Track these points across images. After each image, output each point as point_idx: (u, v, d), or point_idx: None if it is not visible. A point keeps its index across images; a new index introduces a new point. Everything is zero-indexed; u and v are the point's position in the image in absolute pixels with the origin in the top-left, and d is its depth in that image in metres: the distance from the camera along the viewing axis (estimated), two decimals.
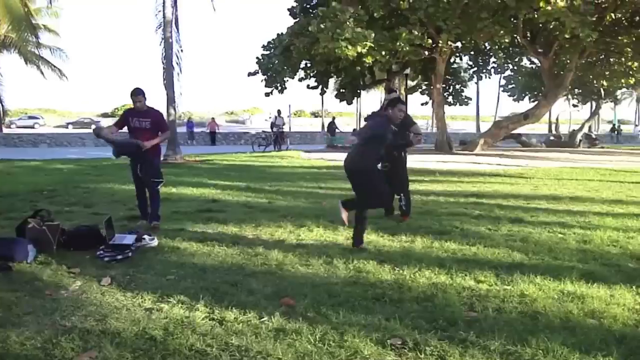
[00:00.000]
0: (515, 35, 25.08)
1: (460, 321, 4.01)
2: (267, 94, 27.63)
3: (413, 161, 16.30)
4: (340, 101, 30.12)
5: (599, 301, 4.53)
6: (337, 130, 33.38)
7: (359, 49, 19.30)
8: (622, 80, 28.46)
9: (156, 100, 18.40)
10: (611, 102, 42.55)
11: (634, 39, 23.38)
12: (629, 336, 3.87)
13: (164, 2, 19.43)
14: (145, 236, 6.18)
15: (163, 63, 19.60)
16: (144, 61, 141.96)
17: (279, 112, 28.90)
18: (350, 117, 69.60)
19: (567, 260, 5.75)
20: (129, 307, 4.25)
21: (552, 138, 36.89)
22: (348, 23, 19.29)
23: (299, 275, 5.16)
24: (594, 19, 20.61)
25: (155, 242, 6.17)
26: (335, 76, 29.43)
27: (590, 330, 3.95)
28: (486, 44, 27.86)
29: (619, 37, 23.82)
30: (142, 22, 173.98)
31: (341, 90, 29.78)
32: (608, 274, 5.27)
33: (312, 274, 5.18)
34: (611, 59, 27.03)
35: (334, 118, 38.03)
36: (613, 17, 22.02)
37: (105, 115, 76.00)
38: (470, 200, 10.01)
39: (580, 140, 34.49)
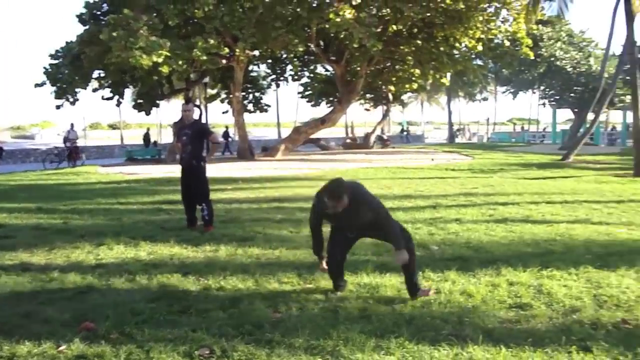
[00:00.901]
0: (309, 44, 26.15)
1: (266, 323, 4.10)
2: (57, 107, 25.73)
3: (215, 170, 16.29)
4: (139, 112, 28.99)
5: (391, 289, 4.92)
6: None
7: (155, 58, 18.79)
8: (407, 86, 30.99)
9: None
10: (399, 105, 46.20)
11: (413, 48, 25.66)
12: (416, 317, 4.25)
13: None
14: None
15: None
16: None
17: (72, 125, 27.06)
18: (153, 127, 67.45)
19: (363, 255, 6.13)
20: None
21: (348, 141, 39.09)
22: (142, 31, 18.70)
23: (100, 296, 4.88)
24: (379, 30, 22.25)
25: None
26: (131, 86, 28.31)
27: (385, 316, 4.27)
28: (282, 53, 28.69)
29: (401, 47, 25.98)
30: None
31: (138, 101, 28.70)
32: (398, 264, 5.72)
33: (113, 294, 4.93)
34: (396, 67, 29.26)
35: (148, 129, 36.92)
36: (395, 28, 23.93)
37: None
38: (272, 205, 10.24)
39: (374, 142, 36.96)
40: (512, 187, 12.93)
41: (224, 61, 23.78)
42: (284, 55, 30.45)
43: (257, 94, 34.59)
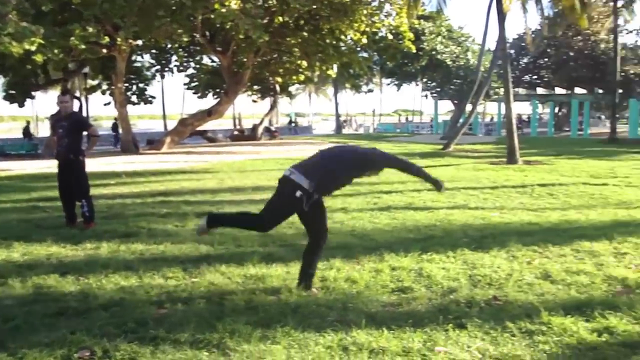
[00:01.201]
0: (194, 35, 25.64)
1: (150, 320, 4.00)
2: None
3: (96, 164, 15.64)
4: (11, 103, 27.17)
5: (277, 279, 4.96)
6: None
7: (27, 45, 17.63)
8: (294, 77, 31.17)
9: None
10: (287, 97, 46.40)
11: (300, 40, 25.82)
12: (302, 305, 4.31)
13: None
14: None
15: None
16: None
17: None
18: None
19: (250, 246, 6.14)
20: None
21: (236, 132, 38.81)
22: (10, 16, 17.47)
23: None
24: (265, 21, 22.20)
25: None
26: (2, 76, 26.47)
27: (271, 306, 4.29)
28: (167, 43, 27.94)
29: (288, 39, 26.07)
30: None
31: (10, 92, 26.87)
32: (285, 254, 5.79)
33: None
34: (283, 58, 29.33)
35: (28, 122, 34.66)
36: (281, 20, 23.97)
37: None
38: (157, 199, 9.98)
39: (261, 134, 36.92)
40: (396, 176, 13.29)
41: (104, 50, 22.80)
42: (169, 46, 29.68)
43: (141, 85, 33.50)
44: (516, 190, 10.99)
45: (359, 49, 28.16)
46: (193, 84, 37.51)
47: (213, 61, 34.19)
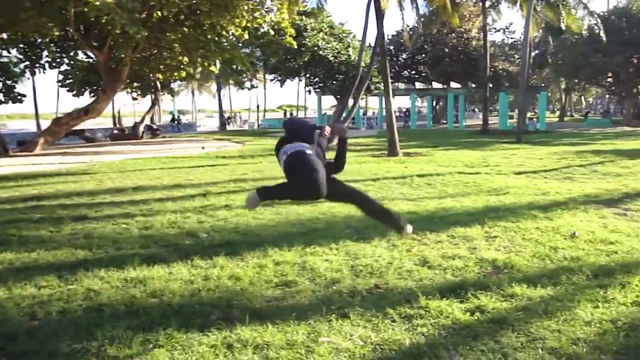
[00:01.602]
0: (67, 29, 24.31)
1: (21, 334, 3.78)
2: None
3: None
4: None
5: (159, 280, 4.83)
6: None
7: None
8: (175, 74, 30.33)
9: None
10: (169, 94, 45.15)
11: (180, 35, 25.19)
12: (185, 305, 4.25)
13: None
14: None
15: None
16: None
17: None
18: None
19: (130, 249, 5.94)
20: None
21: (115, 131, 37.30)
22: None
23: None
24: (143, 16, 21.43)
25: None
26: None
27: (152, 309, 4.19)
28: (36, 37, 26.29)
29: (168, 34, 25.34)
30: None
31: None
32: (167, 254, 5.66)
33: None
34: (164, 54, 28.49)
35: None
36: (160, 14, 23.25)
37: None
38: (29, 204, 9.35)
39: (143, 132, 35.76)
40: (279, 171, 13.41)
41: None
42: (39, 40, 27.92)
43: (8, 82, 31.27)
44: (396, 181, 11.40)
45: (241, 44, 27.95)
46: (68, 81, 35.54)
47: (89, 57, 32.57)
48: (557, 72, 46.99)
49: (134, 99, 39.75)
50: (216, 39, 25.52)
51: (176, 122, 49.86)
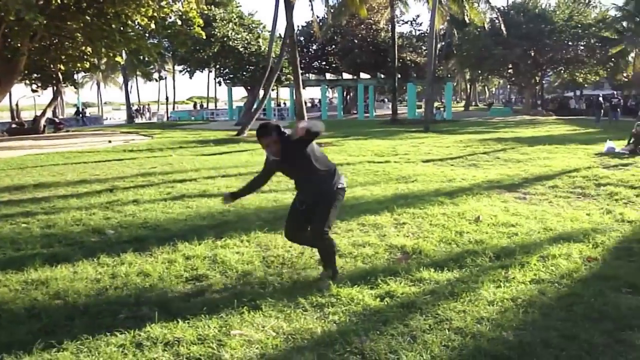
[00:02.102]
0: None
1: None
2: None
3: None
4: None
5: (63, 281, 4.63)
6: None
7: None
8: (79, 64, 29.04)
9: None
10: (72, 85, 43.24)
11: (82, 24, 24.12)
12: (91, 306, 4.10)
13: None
14: None
15: None
16: None
17: None
18: None
19: (31, 249, 5.65)
20: None
21: (14, 126, 35.36)
22: None
23: None
24: (41, 2, 20.39)
25: None
26: None
27: (56, 311, 4.02)
28: None
29: (69, 22, 24.20)
30: None
31: None
32: (71, 253, 5.43)
33: None
34: (65, 44, 27.21)
35: None
36: (60, 2, 22.16)
37: None
38: None
39: (44, 126, 34.09)
40: (190, 164, 13.20)
41: None
42: None
43: None
44: None
45: (147, 35, 27.14)
46: None
47: None
48: (462, 63, 48.64)
49: (34, 91, 37.70)
50: (121, 28, 24.64)
51: (81, 115, 47.79)
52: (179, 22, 25.88)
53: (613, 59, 43.05)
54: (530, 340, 3.37)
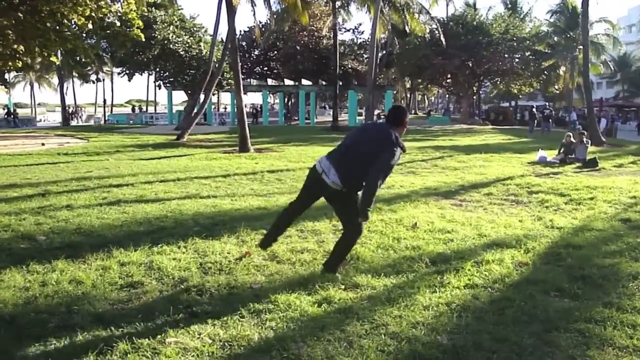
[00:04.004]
0: None
1: None
2: None
3: None
4: None
5: None
6: None
7: None
8: (10, 64, 28.00)
9: None
10: (3, 85, 41.62)
11: (14, 21, 23.29)
12: (18, 315, 3.94)
13: None
14: None
15: None
16: None
17: None
18: None
19: None
20: None
21: None
22: None
23: None
24: None
25: None
26: None
27: None
28: None
29: None
30: None
31: None
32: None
33: None
34: None
35: None
36: None
37: None
38: None
39: None
40: (127, 168, 12.92)
41: None
42: None
43: None
44: (247, 177, 11.40)
45: (85, 35, 26.42)
46: None
47: None
48: (402, 72, 49.52)
49: None
50: (57, 27, 23.89)
51: (12, 116, 46.05)
52: (118, 23, 25.29)
53: (545, 72, 44.87)
54: (463, 344, 3.45)
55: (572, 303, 4.19)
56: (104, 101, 63.34)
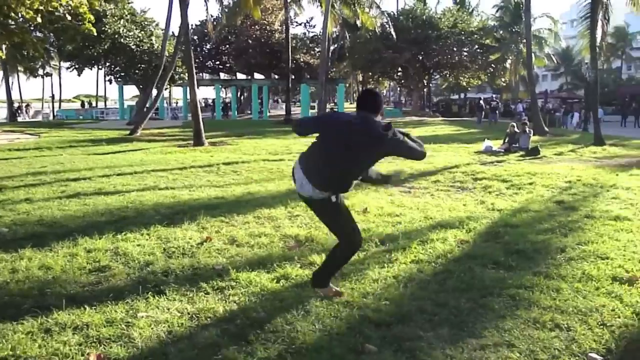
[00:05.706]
0: None
1: None
2: None
3: None
4: None
5: None
6: None
7: None
8: None
9: None
10: None
11: None
12: None
13: None
14: None
15: None
16: None
17: None
18: None
19: None
20: None
21: None
22: None
23: None
24: None
25: None
26: None
27: None
28: None
29: None
30: None
31: None
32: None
33: None
34: None
35: None
36: None
37: None
38: None
39: None
40: (83, 163, 12.97)
41: None
42: None
43: None
44: (203, 169, 11.65)
45: (32, 28, 25.97)
46: None
47: None
48: (354, 65, 50.03)
49: None
50: (3, 20, 23.45)
51: None
52: (68, 17, 24.93)
53: (493, 65, 46.06)
54: (408, 309, 3.87)
55: (506, 273, 4.67)
56: (52, 96, 61.87)
